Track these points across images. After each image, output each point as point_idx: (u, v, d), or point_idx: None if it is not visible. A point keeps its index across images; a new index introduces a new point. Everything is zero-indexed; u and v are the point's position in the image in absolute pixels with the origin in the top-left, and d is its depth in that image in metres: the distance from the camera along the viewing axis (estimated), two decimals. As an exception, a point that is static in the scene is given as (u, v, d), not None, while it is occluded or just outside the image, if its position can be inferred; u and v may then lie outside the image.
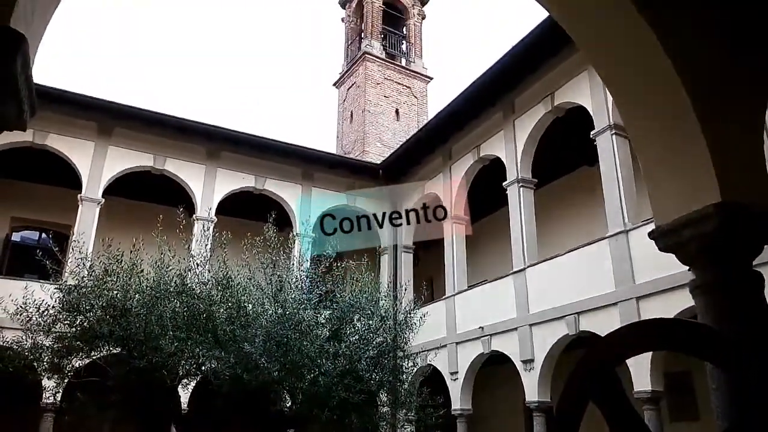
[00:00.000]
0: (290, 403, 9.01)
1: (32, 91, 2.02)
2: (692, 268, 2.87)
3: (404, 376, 10.07)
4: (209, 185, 15.22)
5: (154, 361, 8.22)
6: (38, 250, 9.59)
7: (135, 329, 8.28)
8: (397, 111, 24.31)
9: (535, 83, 12.70)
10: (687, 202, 2.81)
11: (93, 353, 8.85)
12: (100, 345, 8.64)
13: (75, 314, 8.61)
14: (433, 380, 12.88)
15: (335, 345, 8.61)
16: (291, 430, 9.19)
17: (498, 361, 13.01)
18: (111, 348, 8.76)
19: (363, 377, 8.82)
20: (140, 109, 14.49)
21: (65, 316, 8.68)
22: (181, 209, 10.19)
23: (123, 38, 75.84)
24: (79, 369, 9.03)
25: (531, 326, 11.95)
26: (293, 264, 10.26)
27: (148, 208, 14.81)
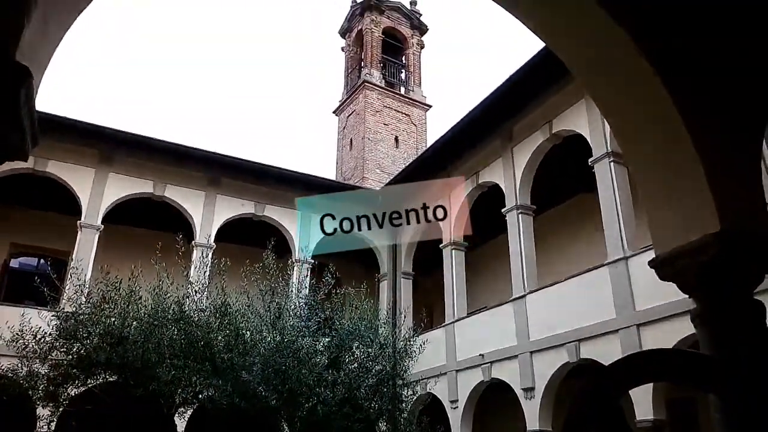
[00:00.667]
0: (288, 433, 8.89)
1: (35, 122, 2.03)
2: (693, 297, 2.86)
3: (404, 405, 9.97)
4: (209, 212, 15.23)
5: (151, 390, 8.14)
6: (36, 277, 9.56)
7: (132, 357, 8.23)
8: (397, 138, 24.49)
9: (533, 111, 12.81)
10: (686, 231, 2.81)
11: (89, 381, 8.78)
12: (97, 373, 8.58)
13: (72, 342, 8.56)
14: (433, 409, 12.73)
15: (334, 373, 8.54)
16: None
17: (498, 389, 12.87)
18: (107, 376, 8.69)
19: (362, 406, 8.74)
20: (141, 136, 14.57)
21: (62, 344, 8.64)
22: (180, 236, 10.18)
23: (126, 65, 76.67)
24: (75, 397, 8.94)
25: (531, 354, 11.85)
26: (292, 291, 10.22)
27: (147, 235, 14.79)
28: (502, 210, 13.38)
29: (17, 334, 8.58)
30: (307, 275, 14.35)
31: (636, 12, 2.80)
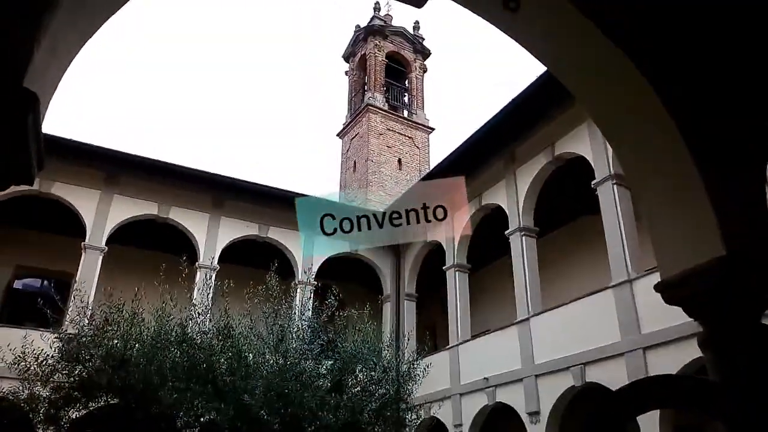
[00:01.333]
0: (290, 458, 8.78)
1: (41, 147, 2.05)
2: (699, 322, 2.83)
3: (407, 429, 9.86)
4: (213, 233, 15.24)
5: (153, 413, 8.07)
6: (39, 299, 9.54)
7: (134, 380, 8.17)
8: (400, 160, 24.61)
9: (536, 133, 12.85)
10: (691, 255, 2.79)
11: (91, 404, 8.71)
12: (98, 396, 8.51)
13: (74, 364, 8.52)
14: (437, 433, 12.55)
15: (337, 397, 8.47)
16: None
17: (503, 413, 12.71)
18: (109, 399, 8.62)
19: (365, 430, 8.64)
20: (146, 159, 14.65)
21: (64, 366, 8.58)
22: (184, 258, 10.18)
23: (133, 91, 77.47)
24: (76, 420, 8.86)
25: (536, 377, 11.72)
26: (295, 313, 10.17)
27: (151, 257, 14.78)
28: (506, 232, 13.35)
29: (19, 357, 8.54)
30: (310, 297, 14.29)
31: (638, 38, 2.82)
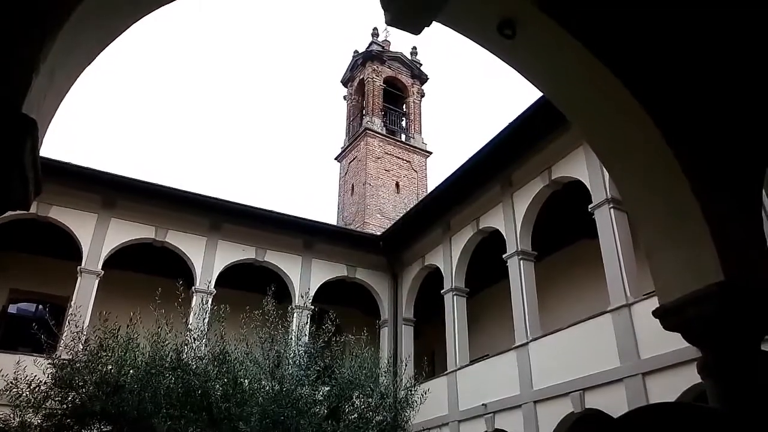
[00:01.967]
0: (286, 487, 8.62)
1: (38, 172, 2.05)
2: (699, 348, 2.81)
3: (405, 457, 9.69)
4: (209, 257, 15.18)
5: (146, 441, 7.95)
6: (34, 323, 9.45)
7: (128, 407, 8.05)
8: (398, 184, 24.69)
9: (533, 157, 12.91)
10: (689, 281, 2.78)
11: (83, 431, 8.56)
12: (91, 423, 8.37)
13: (67, 390, 8.39)
14: (435, 461, 12.36)
15: (333, 424, 8.36)
16: None
17: (502, 440, 12.54)
18: (102, 426, 8.48)
19: (362, 458, 8.50)
20: (144, 182, 14.66)
21: (57, 392, 8.46)
22: (180, 282, 10.12)
23: (131, 115, 77.94)
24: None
25: (535, 403, 11.60)
26: (291, 338, 10.08)
27: (147, 281, 14.67)
28: (504, 256, 13.33)
29: (11, 383, 8.43)
30: (307, 322, 14.15)
31: (636, 67, 2.85)
